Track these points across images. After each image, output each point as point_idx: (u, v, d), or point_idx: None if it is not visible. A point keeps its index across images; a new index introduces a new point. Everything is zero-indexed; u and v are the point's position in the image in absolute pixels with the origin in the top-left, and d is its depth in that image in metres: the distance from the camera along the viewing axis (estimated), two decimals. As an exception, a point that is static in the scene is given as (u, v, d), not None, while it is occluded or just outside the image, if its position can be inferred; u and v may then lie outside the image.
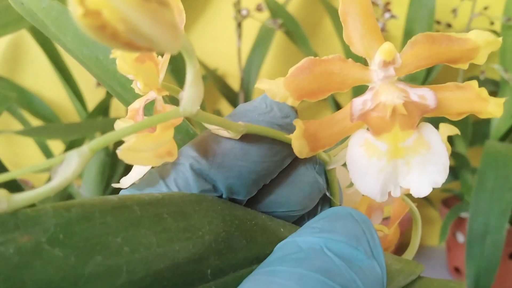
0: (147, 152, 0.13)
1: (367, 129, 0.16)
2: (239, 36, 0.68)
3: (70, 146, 0.64)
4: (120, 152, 0.12)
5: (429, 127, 0.15)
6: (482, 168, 0.53)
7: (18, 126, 0.70)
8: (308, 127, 0.16)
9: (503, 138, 0.62)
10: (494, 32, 0.65)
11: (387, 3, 0.65)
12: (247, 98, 0.71)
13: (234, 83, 0.74)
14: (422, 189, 0.15)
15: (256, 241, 0.15)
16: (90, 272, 0.10)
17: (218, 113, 0.76)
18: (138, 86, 0.15)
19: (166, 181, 0.15)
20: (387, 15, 0.65)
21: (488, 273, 0.49)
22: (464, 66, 0.16)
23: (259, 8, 0.66)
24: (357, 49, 0.16)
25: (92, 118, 0.65)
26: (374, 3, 0.65)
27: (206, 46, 0.76)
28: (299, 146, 0.15)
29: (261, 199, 0.17)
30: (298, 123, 0.15)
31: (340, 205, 0.19)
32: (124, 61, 0.13)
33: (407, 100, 0.15)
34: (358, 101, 0.15)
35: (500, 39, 0.16)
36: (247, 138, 0.16)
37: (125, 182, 0.16)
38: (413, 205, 0.24)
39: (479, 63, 0.16)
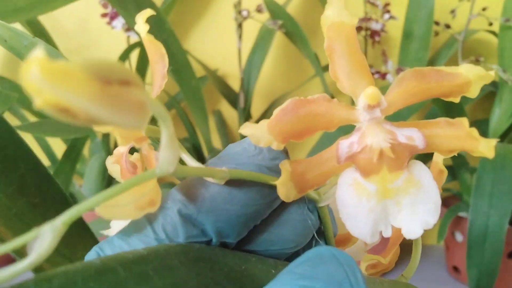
0: (127, 206, 0.13)
1: (356, 168, 0.15)
2: (240, 37, 0.68)
3: (72, 145, 0.63)
4: (99, 209, 0.12)
5: (419, 165, 0.15)
6: (481, 169, 0.52)
7: (20, 127, 0.71)
8: (295, 168, 0.15)
9: (501, 138, 0.62)
10: (493, 32, 0.65)
11: (387, 4, 0.65)
12: (247, 99, 0.70)
13: (235, 84, 0.74)
14: (413, 231, 0.15)
15: (247, 287, 0.15)
16: None
17: (218, 113, 0.76)
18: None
19: (153, 227, 0.15)
20: (386, 15, 0.65)
21: (489, 275, 0.49)
22: (456, 100, 0.16)
23: (259, 9, 0.66)
24: (343, 86, 0.15)
25: None
26: (373, 4, 0.65)
27: (207, 46, 0.76)
28: (286, 191, 0.15)
29: (253, 238, 0.17)
30: (284, 167, 0.15)
31: (334, 236, 0.19)
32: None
33: (394, 143, 0.14)
34: (344, 144, 0.15)
35: (492, 72, 0.16)
36: (236, 181, 0.15)
37: (113, 228, 0.16)
38: None
39: (471, 96, 0.16)
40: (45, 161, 0.72)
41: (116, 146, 0.69)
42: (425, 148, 0.15)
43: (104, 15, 0.66)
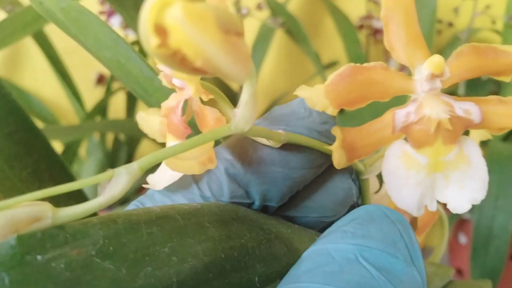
0: (191, 160, 0.13)
1: (405, 139, 0.15)
2: None
3: (68, 146, 0.64)
4: (167, 161, 0.12)
5: (469, 141, 0.15)
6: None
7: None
8: (345, 137, 0.15)
9: (506, 138, 0.62)
10: (496, 31, 0.65)
11: None
12: None
13: (234, 83, 0.73)
14: (460, 205, 0.15)
15: (296, 248, 0.15)
16: (142, 284, 0.10)
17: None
18: (176, 84, 0.14)
19: (199, 184, 0.15)
20: (389, 14, 0.64)
21: (492, 277, 0.49)
22: (507, 79, 0.16)
23: (259, 7, 0.66)
24: (399, 56, 0.15)
25: (90, 118, 0.64)
26: (376, 2, 0.65)
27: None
28: (339, 157, 0.15)
29: (293, 204, 0.17)
30: (337, 133, 0.15)
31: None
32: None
33: (452, 115, 0.14)
34: (401, 113, 0.15)
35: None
36: (285, 144, 0.15)
37: (158, 183, 0.15)
38: (443, 211, 0.24)
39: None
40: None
41: (114, 146, 0.69)
42: (480, 124, 0.15)
43: (101, 13, 0.65)
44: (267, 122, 0.16)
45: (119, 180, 0.10)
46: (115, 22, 0.65)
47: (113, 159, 0.67)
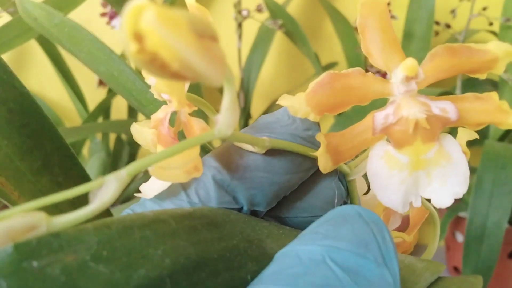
0: (177, 169, 0.13)
1: (387, 140, 0.16)
2: (240, 36, 0.68)
3: (72, 146, 0.64)
4: (152, 170, 0.12)
5: (449, 138, 0.16)
6: (481, 168, 0.53)
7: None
8: (329, 141, 0.16)
9: (502, 138, 0.63)
10: (493, 32, 0.66)
11: (387, 4, 0.66)
12: (247, 98, 0.71)
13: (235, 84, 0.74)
14: (443, 200, 0.15)
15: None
16: (135, 285, 0.10)
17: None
18: (164, 97, 0.15)
19: (187, 191, 0.15)
20: (387, 15, 0.65)
21: (484, 275, 0.49)
22: (482, 76, 0.17)
23: (259, 9, 0.67)
24: (376, 62, 0.16)
25: (93, 119, 0.65)
26: None
27: (207, 46, 0.77)
28: (324, 162, 0.15)
29: (285, 204, 0.17)
30: (321, 138, 0.16)
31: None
32: (161, 81, 0.14)
33: (429, 114, 0.15)
34: (380, 115, 0.15)
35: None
36: (269, 150, 0.16)
37: (148, 192, 0.16)
38: (433, 209, 0.24)
39: (497, 73, 0.17)
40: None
41: (116, 146, 0.70)
42: (457, 121, 0.15)
43: (103, 14, 0.66)
44: (253, 130, 0.16)
45: (109, 187, 0.10)
46: (117, 23, 0.65)
47: (115, 158, 0.68)
